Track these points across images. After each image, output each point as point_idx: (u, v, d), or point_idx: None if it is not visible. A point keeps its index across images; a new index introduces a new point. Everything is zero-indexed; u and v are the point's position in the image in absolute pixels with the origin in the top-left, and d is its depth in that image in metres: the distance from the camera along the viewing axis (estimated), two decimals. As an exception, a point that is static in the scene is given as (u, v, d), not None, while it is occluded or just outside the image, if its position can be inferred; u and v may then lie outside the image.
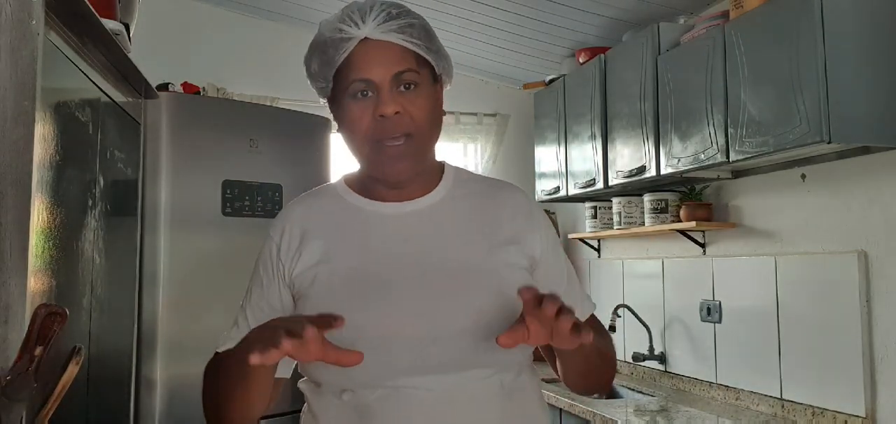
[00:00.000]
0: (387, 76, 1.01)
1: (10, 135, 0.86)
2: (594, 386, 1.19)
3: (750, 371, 2.67)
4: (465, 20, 3.36)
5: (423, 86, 1.05)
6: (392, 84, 1.01)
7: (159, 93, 2.35)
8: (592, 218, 3.49)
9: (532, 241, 1.10)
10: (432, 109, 1.06)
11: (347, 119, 1.04)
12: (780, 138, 2.18)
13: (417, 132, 1.03)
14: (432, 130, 1.07)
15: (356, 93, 1.02)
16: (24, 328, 0.87)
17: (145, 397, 2.33)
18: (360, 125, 1.02)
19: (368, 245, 1.06)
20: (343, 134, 1.09)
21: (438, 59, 1.08)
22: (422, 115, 1.03)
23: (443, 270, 1.02)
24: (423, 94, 1.04)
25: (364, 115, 1.02)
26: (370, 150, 1.03)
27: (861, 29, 2.12)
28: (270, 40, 3.70)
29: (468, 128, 4.10)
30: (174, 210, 2.40)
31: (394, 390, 0.98)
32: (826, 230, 2.41)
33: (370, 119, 1.01)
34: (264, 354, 0.80)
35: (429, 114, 1.05)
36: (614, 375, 1.19)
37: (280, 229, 1.11)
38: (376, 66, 1.01)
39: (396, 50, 1.02)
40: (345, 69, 1.03)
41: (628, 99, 2.94)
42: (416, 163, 1.04)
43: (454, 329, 0.99)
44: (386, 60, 1.01)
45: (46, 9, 1.16)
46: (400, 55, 1.02)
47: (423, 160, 1.07)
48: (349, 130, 1.05)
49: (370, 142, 1.03)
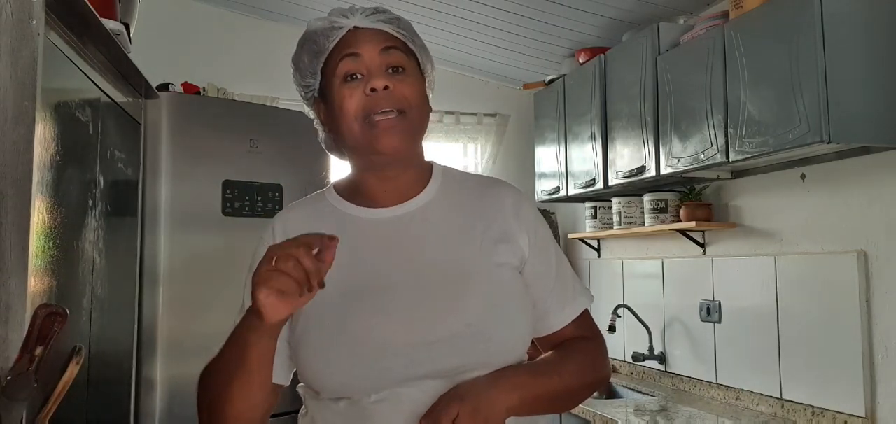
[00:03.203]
0: (375, 51, 1.04)
1: (10, 135, 0.86)
2: (581, 401, 1.18)
3: (750, 371, 2.68)
4: (466, 20, 3.36)
5: (411, 72, 1.07)
6: (381, 62, 1.04)
7: (159, 93, 2.35)
8: (592, 218, 3.49)
9: (520, 238, 1.10)
10: (421, 94, 1.08)
11: (337, 103, 1.05)
12: (779, 138, 2.18)
13: (409, 109, 1.04)
14: (422, 116, 1.08)
15: (346, 75, 1.04)
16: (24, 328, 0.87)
17: (145, 397, 2.32)
18: (351, 104, 1.03)
19: (361, 252, 1.05)
20: (331, 128, 1.09)
21: (423, 55, 1.11)
22: (412, 95, 1.05)
23: (436, 274, 1.02)
24: (412, 77, 1.06)
25: (354, 94, 1.03)
26: (361, 128, 1.03)
27: (861, 29, 2.12)
28: (270, 40, 3.70)
29: (468, 128, 4.10)
30: (174, 210, 2.40)
31: (390, 395, 0.97)
32: (826, 230, 2.41)
33: (360, 97, 1.03)
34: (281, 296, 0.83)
35: (418, 98, 1.06)
36: (602, 379, 1.16)
37: (272, 232, 1.10)
38: (365, 43, 1.04)
39: (384, 34, 1.06)
40: (334, 54, 1.05)
41: (628, 99, 2.94)
42: (407, 141, 1.04)
43: (449, 333, 0.99)
44: (374, 39, 1.05)
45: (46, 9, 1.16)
46: (387, 37, 1.06)
47: (414, 143, 1.08)
48: (339, 115, 1.05)
49: (361, 120, 1.03)
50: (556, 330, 1.14)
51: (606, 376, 1.17)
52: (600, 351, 1.17)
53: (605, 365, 1.17)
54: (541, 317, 1.12)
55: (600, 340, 1.18)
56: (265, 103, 3.41)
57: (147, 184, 2.37)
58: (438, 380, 0.97)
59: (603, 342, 1.19)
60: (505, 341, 1.03)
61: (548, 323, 1.13)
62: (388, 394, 0.97)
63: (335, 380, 0.98)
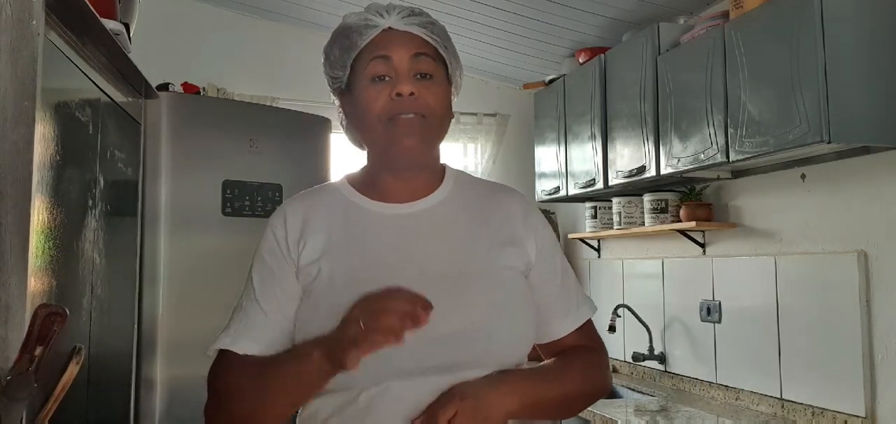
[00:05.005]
0: (406, 56, 1.05)
1: (10, 135, 0.86)
2: (579, 411, 1.18)
3: (750, 371, 2.67)
4: (465, 20, 3.36)
5: (439, 80, 1.08)
6: (410, 67, 1.05)
7: (159, 93, 2.35)
8: (592, 218, 3.49)
9: (528, 244, 1.11)
10: (445, 103, 1.10)
11: (362, 101, 1.06)
12: (779, 138, 2.18)
13: (431, 116, 1.06)
14: (443, 123, 1.10)
15: (374, 76, 1.05)
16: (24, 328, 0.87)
17: (145, 397, 2.32)
18: (376, 105, 1.05)
19: (370, 245, 1.06)
20: (353, 122, 1.11)
21: (453, 62, 1.12)
22: (436, 103, 1.06)
23: (442, 272, 1.03)
24: (438, 85, 1.08)
25: (380, 96, 1.05)
26: (382, 127, 1.05)
27: (861, 29, 2.12)
28: (270, 40, 3.70)
29: (468, 128, 4.10)
30: (174, 210, 2.40)
31: (388, 389, 0.98)
32: (826, 230, 2.41)
33: (386, 99, 1.04)
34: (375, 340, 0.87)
35: (442, 106, 1.08)
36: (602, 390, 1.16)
37: (282, 218, 1.10)
38: (396, 47, 1.05)
39: (417, 39, 1.07)
40: (366, 53, 1.06)
41: (628, 99, 2.94)
42: (425, 145, 1.06)
43: (452, 330, 0.99)
44: (406, 44, 1.06)
45: (46, 9, 1.16)
46: (420, 43, 1.07)
47: (432, 148, 1.10)
48: (363, 113, 1.06)
49: (383, 120, 1.05)
50: (558, 338, 1.15)
51: (607, 387, 1.17)
52: (602, 362, 1.18)
53: (605, 376, 1.17)
54: (544, 324, 1.13)
55: (602, 351, 1.19)
56: (265, 103, 3.41)
57: (147, 184, 2.36)
58: (436, 376, 0.98)
59: (605, 353, 1.20)
60: (506, 341, 1.03)
61: (550, 330, 1.14)
62: (385, 388, 0.98)
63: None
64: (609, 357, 1.22)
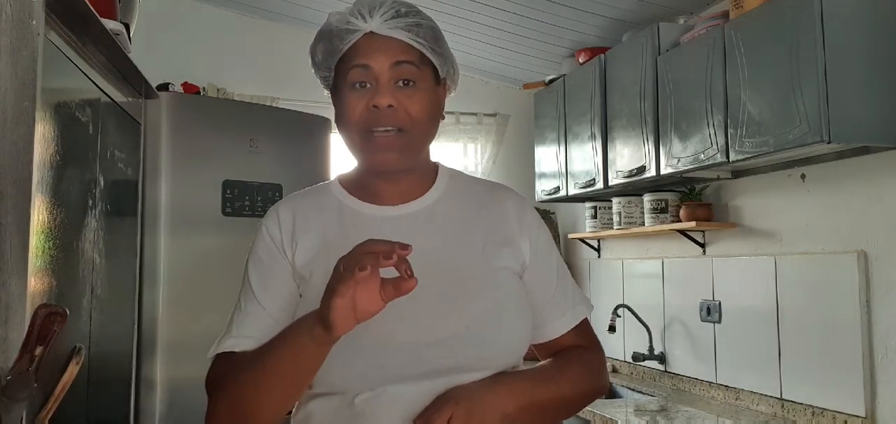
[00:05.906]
0: (385, 65, 1.01)
1: (10, 135, 0.86)
2: (577, 411, 1.18)
3: (750, 371, 2.67)
4: (465, 20, 3.36)
5: (423, 85, 1.04)
6: (390, 76, 1.01)
7: (159, 93, 2.35)
8: (592, 218, 3.49)
9: (523, 244, 1.10)
10: (429, 109, 1.05)
11: (343, 108, 1.04)
12: (779, 138, 2.18)
13: (410, 128, 1.02)
14: (426, 130, 1.06)
15: (354, 82, 1.03)
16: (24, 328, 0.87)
17: (145, 397, 2.32)
18: (354, 113, 1.02)
19: None
20: (338, 124, 1.09)
21: (443, 62, 1.08)
22: (417, 111, 1.02)
23: (438, 274, 1.02)
24: (422, 92, 1.04)
25: (358, 105, 1.02)
26: (360, 139, 1.03)
27: (861, 29, 2.12)
28: (270, 40, 3.70)
29: (468, 128, 4.10)
30: (174, 210, 2.40)
31: (383, 393, 0.97)
32: (826, 230, 2.41)
33: (364, 109, 1.02)
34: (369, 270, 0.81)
35: (425, 113, 1.04)
36: (599, 389, 1.15)
37: (275, 217, 1.09)
38: (377, 54, 1.01)
39: (399, 44, 1.02)
40: (347, 58, 1.03)
41: (628, 99, 2.94)
42: (404, 158, 1.04)
43: (448, 332, 0.99)
44: (387, 51, 1.02)
45: (46, 9, 1.16)
46: (402, 49, 1.02)
47: (413, 157, 1.06)
48: (343, 119, 1.05)
49: (360, 131, 1.02)
50: (554, 338, 1.14)
51: (604, 387, 1.17)
52: (599, 362, 1.16)
53: (603, 376, 1.16)
54: (540, 324, 1.12)
55: (599, 351, 1.18)
56: (265, 103, 3.41)
57: (147, 184, 2.36)
58: (432, 380, 0.97)
59: (602, 353, 1.18)
60: (502, 344, 1.03)
61: (547, 329, 1.13)
62: (380, 392, 0.97)
63: (331, 374, 0.98)
64: (608, 356, 1.22)
